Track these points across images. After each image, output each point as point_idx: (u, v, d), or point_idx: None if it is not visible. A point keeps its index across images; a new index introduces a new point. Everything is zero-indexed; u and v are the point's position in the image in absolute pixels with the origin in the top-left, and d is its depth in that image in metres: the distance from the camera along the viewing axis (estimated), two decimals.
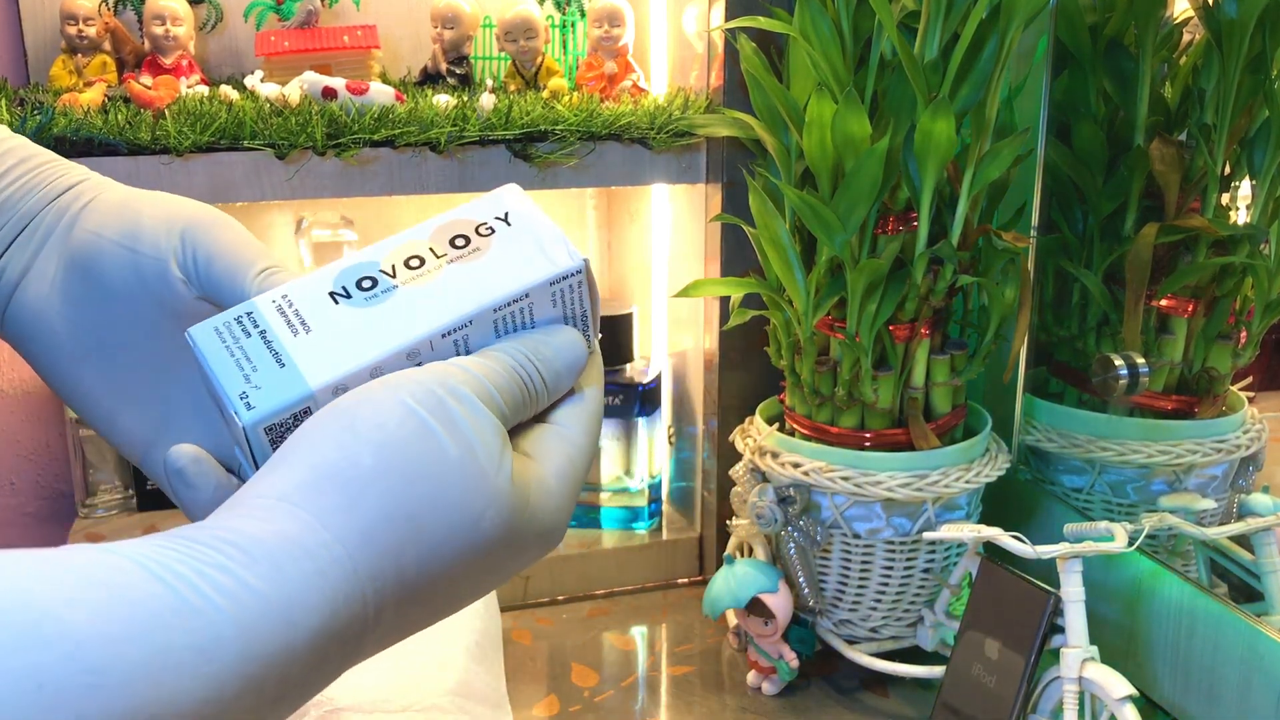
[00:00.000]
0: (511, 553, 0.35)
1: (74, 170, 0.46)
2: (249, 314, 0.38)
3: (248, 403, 0.37)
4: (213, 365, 0.37)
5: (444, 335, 0.38)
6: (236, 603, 0.28)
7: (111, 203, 0.44)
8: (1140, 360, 0.79)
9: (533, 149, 0.83)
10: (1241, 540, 0.72)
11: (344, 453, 0.32)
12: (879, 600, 0.79)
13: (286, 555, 0.30)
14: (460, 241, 0.39)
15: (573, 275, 0.40)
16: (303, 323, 0.38)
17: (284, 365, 0.37)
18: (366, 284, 0.38)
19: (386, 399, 0.33)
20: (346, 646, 0.31)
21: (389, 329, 0.38)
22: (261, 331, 0.38)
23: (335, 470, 0.32)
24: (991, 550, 0.72)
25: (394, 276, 0.39)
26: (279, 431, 0.37)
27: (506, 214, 0.40)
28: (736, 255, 0.87)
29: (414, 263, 0.39)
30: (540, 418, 0.39)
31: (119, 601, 0.27)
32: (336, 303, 0.38)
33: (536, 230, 0.40)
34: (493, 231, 0.40)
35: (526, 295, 0.39)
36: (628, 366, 0.95)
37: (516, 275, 0.39)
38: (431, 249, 0.39)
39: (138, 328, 0.44)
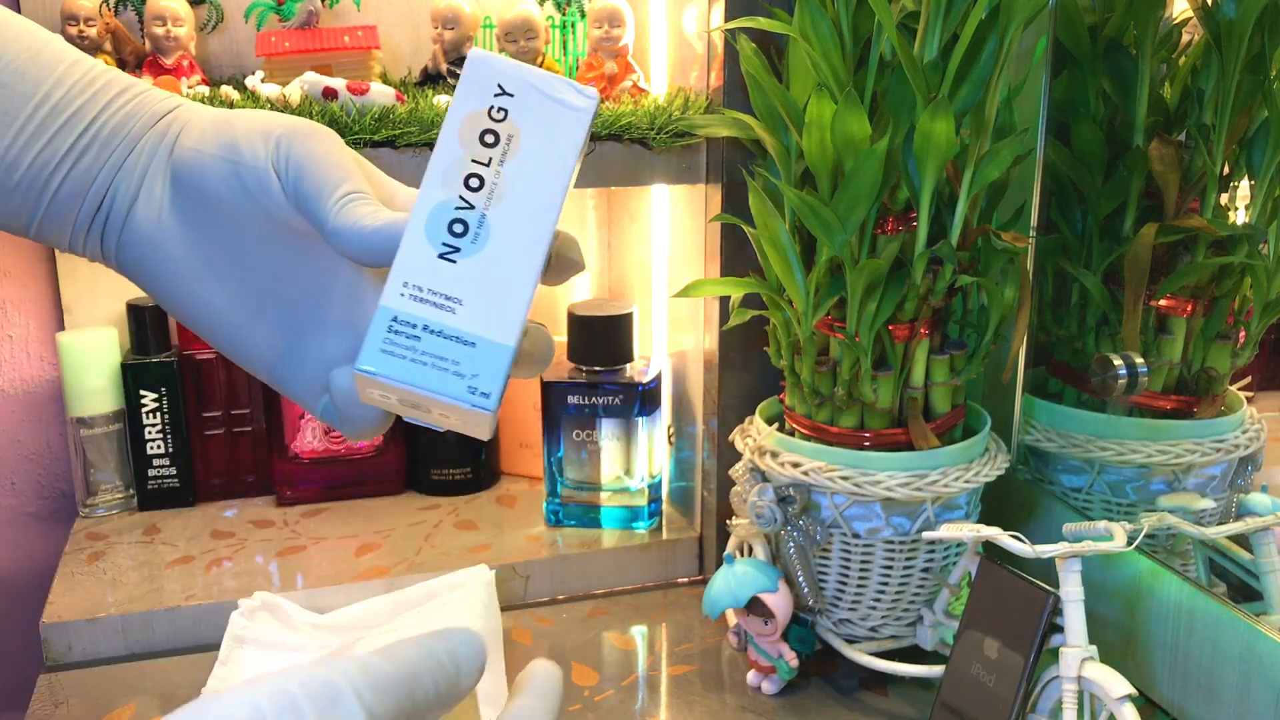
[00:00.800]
0: None
1: (172, 97, 0.46)
2: (395, 319, 0.39)
3: (482, 393, 0.38)
4: (415, 382, 0.38)
5: (553, 238, 0.40)
6: None
7: (207, 120, 0.44)
8: (1139, 360, 0.79)
9: None
10: (1240, 540, 0.72)
11: None
12: (878, 600, 0.79)
13: None
14: (490, 139, 0.40)
15: (595, 107, 0.41)
16: (448, 299, 0.39)
17: (475, 344, 0.38)
18: (459, 229, 0.39)
19: (240, 696, 0.30)
20: None
21: (515, 262, 0.39)
22: (424, 328, 0.39)
23: None
24: (991, 550, 0.72)
25: (472, 208, 0.39)
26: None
27: (500, 85, 0.40)
28: (736, 255, 0.87)
29: (474, 182, 0.39)
30: None
31: None
32: (454, 262, 0.39)
33: (536, 85, 0.40)
34: (505, 112, 0.40)
35: (579, 152, 0.40)
36: (628, 366, 0.95)
37: (563, 144, 0.40)
38: (475, 160, 0.40)
39: (253, 239, 0.44)
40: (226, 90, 0.84)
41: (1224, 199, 0.76)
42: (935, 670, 0.75)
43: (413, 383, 0.38)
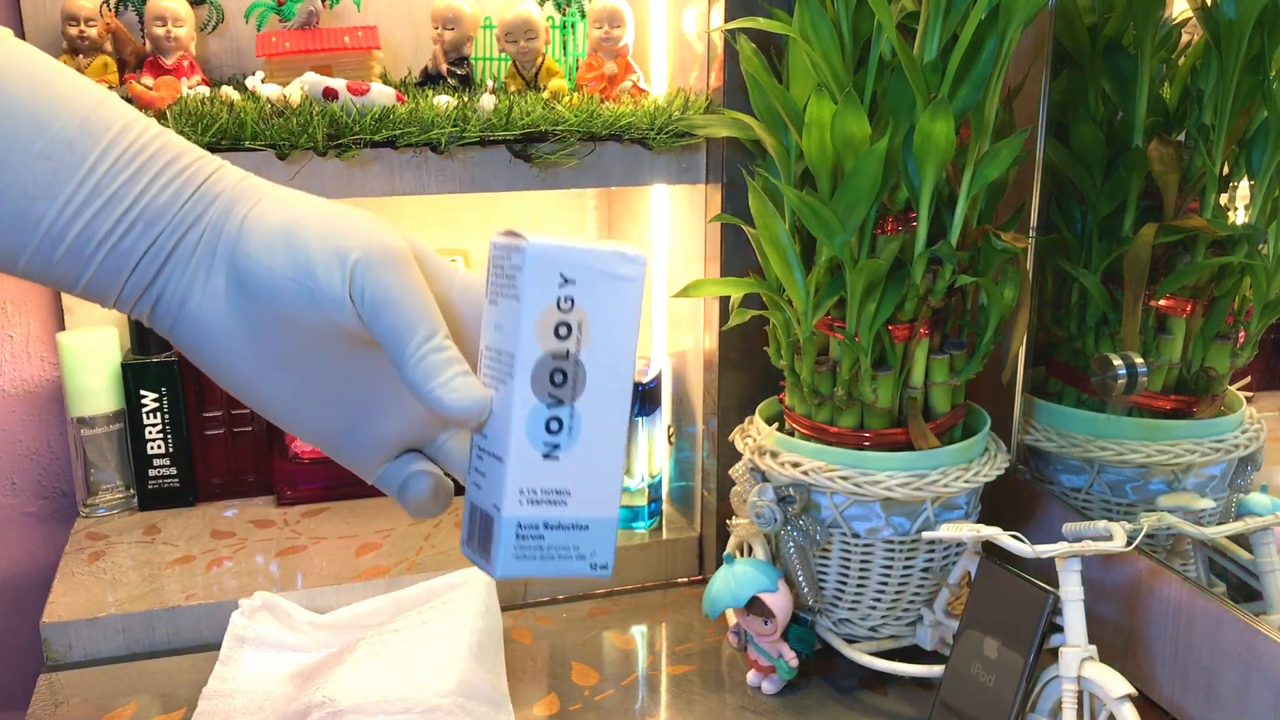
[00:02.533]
0: None
1: (224, 170, 0.46)
2: (520, 525, 0.43)
3: (601, 565, 0.44)
4: (544, 573, 0.43)
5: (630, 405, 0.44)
6: None
7: (274, 226, 0.44)
8: (1139, 360, 0.79)
9: (533, 150, 0.84)
10: (1240, 540, 0.72)
11: None
12: (878, 599, 0.79)
13: None
14: (564, 331, 0.42)
15: (644, 270, 0.44)
16: (559, 493, 0.43)
17: (588, 527, 0.43)
18: (555, 426, 0.43)
19: None
20: None
21: (607, 440, 0.43)
22: (544, 525, 0.43)
23: None
24: (990, 549, 0.72)
25: (562, 403, 0.42)
26: None
27: (562, 275, 0.42)
28: (736, 255, 0.87)
29: (558, 378, 0.42)
30: None
31: None
32: (558, 459, 0.43)
33: (596, 267, 0.43)
34: (572, 301, 0.42)
35: (638, 318, 0.43)
36: None
37: (625, 316, 0.43)
38: (555, 356, 0.42)
39: (318, 344, 0.45)
40: (226, 90, 0.84)
41: (1224, 199, 0.76)
42: (935, 670, 0.75)
43: (543, 574, 0.43)
